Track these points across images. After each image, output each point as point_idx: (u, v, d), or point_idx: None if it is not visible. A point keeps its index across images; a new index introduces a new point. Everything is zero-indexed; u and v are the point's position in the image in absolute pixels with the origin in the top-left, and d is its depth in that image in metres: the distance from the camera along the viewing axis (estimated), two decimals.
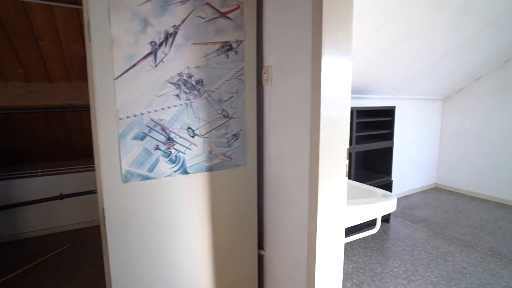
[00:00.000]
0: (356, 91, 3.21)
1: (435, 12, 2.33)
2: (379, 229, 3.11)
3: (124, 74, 1.08)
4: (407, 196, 4.15)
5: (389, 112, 3.15)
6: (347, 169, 1.10)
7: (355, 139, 2.80)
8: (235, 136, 1.32)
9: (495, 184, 3.91)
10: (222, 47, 1.25)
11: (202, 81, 1.22)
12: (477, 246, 2.72)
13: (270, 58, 1.31)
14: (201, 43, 1.21)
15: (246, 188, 1.39)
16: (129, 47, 1.08)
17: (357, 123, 3.20)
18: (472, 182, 4.15)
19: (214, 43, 1.23)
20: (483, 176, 4.03)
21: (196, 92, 1.21)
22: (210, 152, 1.28)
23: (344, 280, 2.25)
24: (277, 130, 1.29)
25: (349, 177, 2.81)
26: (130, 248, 1.16)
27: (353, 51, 2.44)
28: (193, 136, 1.23)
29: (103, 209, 1.09)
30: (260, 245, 1.52)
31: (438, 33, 2.65)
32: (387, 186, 3.21)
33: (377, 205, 1.31)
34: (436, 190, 4.41)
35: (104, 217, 1.09)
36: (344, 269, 2.40)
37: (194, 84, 1.20)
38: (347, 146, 1.08)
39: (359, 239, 2.90)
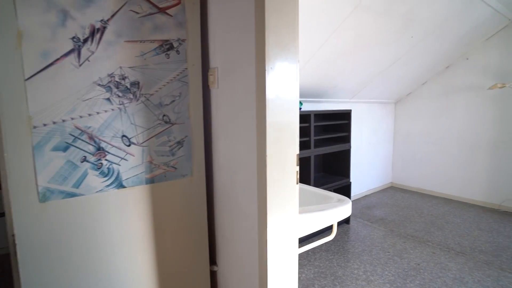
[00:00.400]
0: (314, 95, 3.24)
1: (384, 18, 2.42)
2: (340, 231, 3.15)
3: (38, 74, 0.92)
4: (365, 196, 4.29)
5: (345, 115, 3.22)
6: (298, 176, 1.04)
7: (313, 143, 2.81)
8: (179, 143, 1.20)
9: (442, 181, 4.19)
10: (161, 46, 1.13)
11: (138, 83, 1.09)
12: (428, 242, 2.85)
13: (216, 59, 1.21)
14: (136, 41, 1.08)
15: (194, 200, 1.27)
16: (45, 43, 0.92)
17: (315, 126, 3.23)
18: (422, 180, 4.42)
19: (152, 41, 1.11)
20: (431, 174, 4.30)
21: (131, 96, 1.08)
22: (151, 162, 1.15)
23: (306, 286, 2.21)
24: (225, 135, 1.19)
25: (308, 181, 2.81)
26: (51, 282, 0.98)
27: (301, 51, 2.44)
28: (129, 145, 1.09)
29: (13, 235, 0.90)
30: (213, 260, 1.40)
31: (389, 40, 2.77)
32: (346, 188, 3.27)
33: (332, 211, 1.26)
34: (391, 189, 4.63)
35: (14, 245, 0.90)
36: (306, 275, 2.36)
37: (128, 86, 1.07)
38: (297, 151, 1.02)
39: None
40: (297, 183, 1.04)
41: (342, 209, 1.30)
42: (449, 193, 4.13)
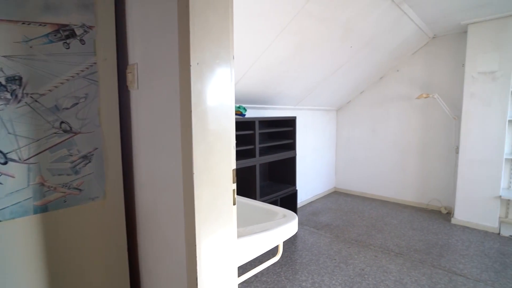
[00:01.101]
0: (259, 101, 3.14)
1: (326, 25, 2.42)
2: (287, 240, 3.07)
3: None
4: (311, 202, 4.33)
5: (290, 122, 3.18)
6: (235, 195, 0.86)
7: (258, 151, 2.69)
8: (86, 158, 0.94)
9: (379, 184, 4.45)
10: (57, 31, 0.86)
11: (19, 78, 0.81)
12: (371, 245, 2.92)
13: (135, 52, 0.99)
14: (17, 22, 0.80)
15: (108, 229, 1.01)
16: None
17: (260, 134, 3.12)
18: (362, 184, 4.64)
19: (42, 24, 0.84)
20: (370, 178, 4.54)
21: (8, 96, 0.79)
22: (42, 185, 0.86)
23: None
24: (147, 147, 0.97)
25: (254, 192, 2.67)
26: None
27: (244, 54, 2.32)
28: (4, 163, 0.79)
29: None
30: None
31: (331, 48, 2.81)
32: (293, 197, 3.22)
33: (277, 230, 1.12)
34: (335, 194, 4.77)
35: None
36: None
37: (4, 83, 0.78)
38: (233, 166, 0.85)
39: (268, 254, 2.76)
40: (234, 204, 0.86)
41: (287, 227, 1.17)
42: (386, 196, 4.39)
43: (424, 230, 3.28)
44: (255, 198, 2.68)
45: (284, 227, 1.15)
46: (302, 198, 4.16)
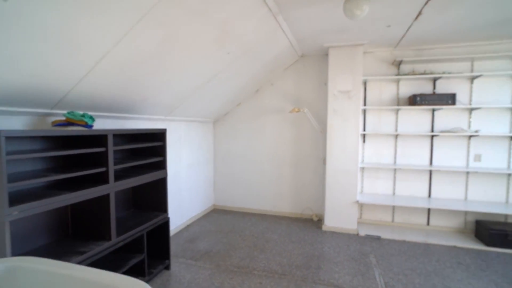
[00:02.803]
0: (116, 108, 2.42)
1: (201, 20, 2.02)
2: (159, 283, 2.44)
3: None
4: (188, 226, 3.80)
5: (159, 136, 2.60)
6: None
7: (113, 175, 1.99)
8: None
9: (258, 198, 4.39)
10: None
11: None
12: (254, 270, 2.66)
13: None
14: None
15: None
16: None
17: (117, 151, 2.40)
18: (242, 199, 4.47)
19: None
20: (249, 192, 4.43)
21: None
22: None
23: None
24: None
25: (107, 230, 1.94)
26: None
27: (88, 43, 1.65)
28: None
29: None
30: None
31: (206, 51, 2.43)
32: (164, 226, 2.62)
33: None
34: (215, 212, 4.40)
35: None
36: None
37: None
38: None
39: None
40: None
41: None
42: (265, 209, 4.36)
43: (301, 241, 3.31)
44: (108, 239, 1.94)
45: None
46: (177, 223, 3.58)
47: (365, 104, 3.78)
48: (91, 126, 1.94)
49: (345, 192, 3.58)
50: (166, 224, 2.61)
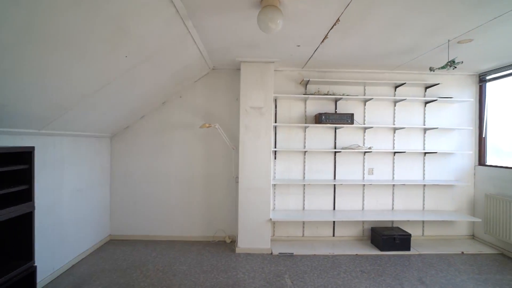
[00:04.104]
0: None
1: (85, 5, 1.58)
2: None
3: None
4: (72, 267, 3.01)
5: (24, 157, 1.93)
6: None
7: None
8: None
9: (165, 222, 3.88)
10: None
11: None
12: None
13: None
14: None
15: None
16: None
17: None
18: (145, 225, 3.88)
19: None
20: (153, 217, 3.88)
21: None
22: None
23: None
24: None
25: None
26: None
27: None
28: None
29: None
30: None
31: (97, 50, 1.95)
32: (28, 279, 1.93)
33: None
34: (111, 244, 3.67)
35: None
36: None
37: None
38: None
39: None
40: None
41: None
42: (173, 234, 3.89)
43: (214, 269, 3.00)
44: None
45: None
46: (55, 266, 2.79)
47: (276, 121, 3.82)
48: None
49: (258, 211, 3.48)
50: (31, 275, 1.93)
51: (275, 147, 3.83)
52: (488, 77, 3.80)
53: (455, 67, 2.67)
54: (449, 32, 2.49)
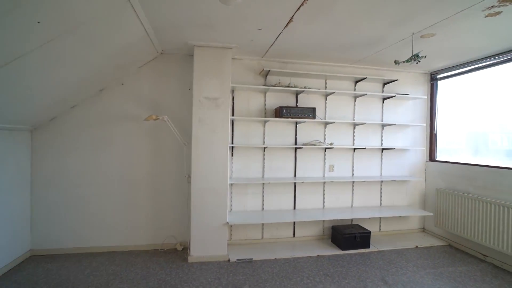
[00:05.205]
0: None
1: None
2: None
3: None
4: None
5: None
6: None
7: None
8: None
9: (103, 231, 3.31)
10: None
11: None
12: None
13: None
14: None
15: None
16: None
17: None
18: (79, 236, 3.25)
19: None
20: (88, 225, 3.28)
21: None
22: None
23: None
24: None
25: None
26: None
27: None
28: None
29: None
30: None
31: None
32: None
33: None
34: (32, 262, 2.99)
35: None
36: None
37: None
38: None
39: None
40: None
41: None
42: (113, 244, 3.33)
43: (162, 285, 2.57)
44: None
45: None
46: None
47: (233, 114, 3.48)
48: None
49: (214, 214, 3.11)
50: None
51: (232, 143, 3.49)
52: (439, 76, 3.92)
53: (419, 61, 2.61)
54: (415, 24, 2.40)
